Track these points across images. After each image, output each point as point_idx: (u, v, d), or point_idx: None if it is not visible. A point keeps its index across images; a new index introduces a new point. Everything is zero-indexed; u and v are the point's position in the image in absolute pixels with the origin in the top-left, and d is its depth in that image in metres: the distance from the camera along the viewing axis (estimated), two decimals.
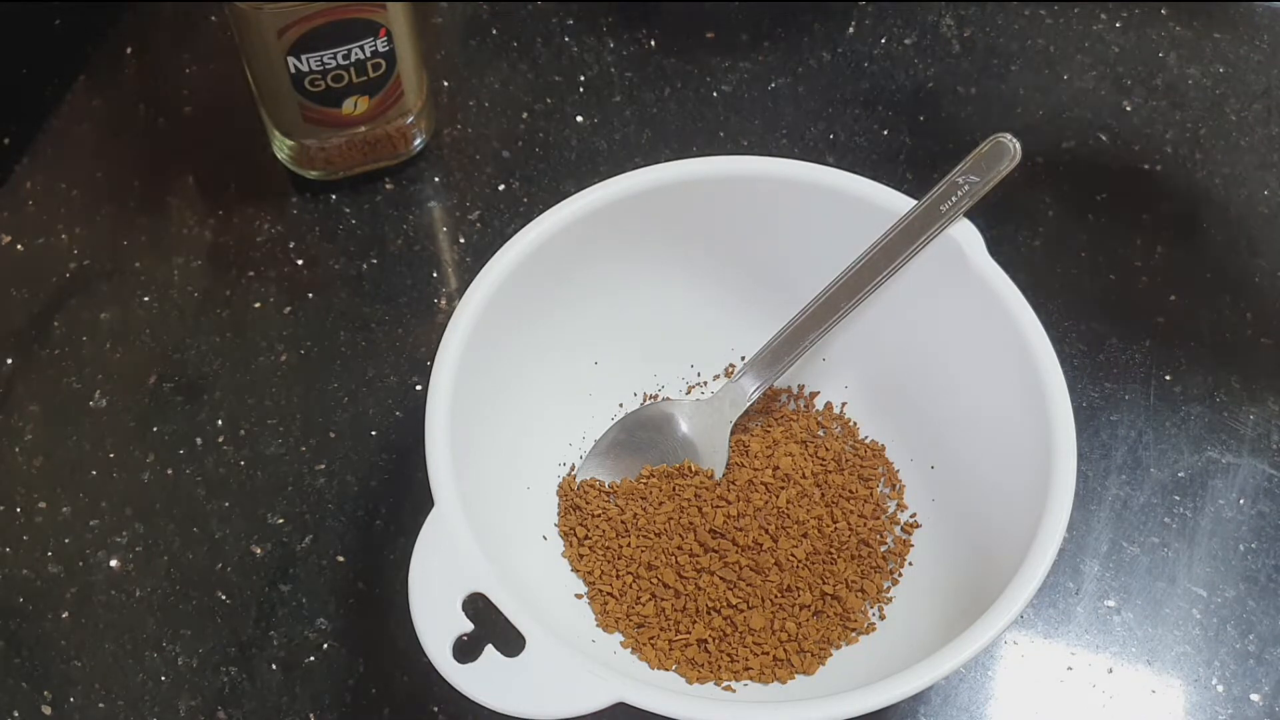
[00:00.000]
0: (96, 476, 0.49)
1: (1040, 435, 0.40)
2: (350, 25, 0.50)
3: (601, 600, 0.44)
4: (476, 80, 0.60)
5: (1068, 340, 0.52)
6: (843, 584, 0.45)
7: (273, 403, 0.51)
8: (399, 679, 0.45)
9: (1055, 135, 0.58)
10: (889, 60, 0.61)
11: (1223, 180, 0.57)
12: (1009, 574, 0.38)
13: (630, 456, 0.48)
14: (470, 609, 0.37)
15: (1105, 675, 0.45)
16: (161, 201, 0.57)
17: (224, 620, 0.46)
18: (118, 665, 0.45)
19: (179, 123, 0.59)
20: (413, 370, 0.52)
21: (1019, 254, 0.55)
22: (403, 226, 0.56)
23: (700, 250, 0.48)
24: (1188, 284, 0.54)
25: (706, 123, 0.59)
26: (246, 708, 0.44)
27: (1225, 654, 0.45)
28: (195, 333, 0.53)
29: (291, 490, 0.49)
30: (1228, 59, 0.61)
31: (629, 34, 0.61)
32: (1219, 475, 0.49)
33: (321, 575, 0.47)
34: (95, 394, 0.51)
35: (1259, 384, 0.51)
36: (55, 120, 0.59)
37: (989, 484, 0.43)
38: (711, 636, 0.43)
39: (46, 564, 0.47)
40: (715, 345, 0.50)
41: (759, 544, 0.45)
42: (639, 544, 0.45)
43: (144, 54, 0.61)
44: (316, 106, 0.52)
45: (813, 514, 0.46)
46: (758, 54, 0.61)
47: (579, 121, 0.59)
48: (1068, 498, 0.39)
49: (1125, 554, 0.47)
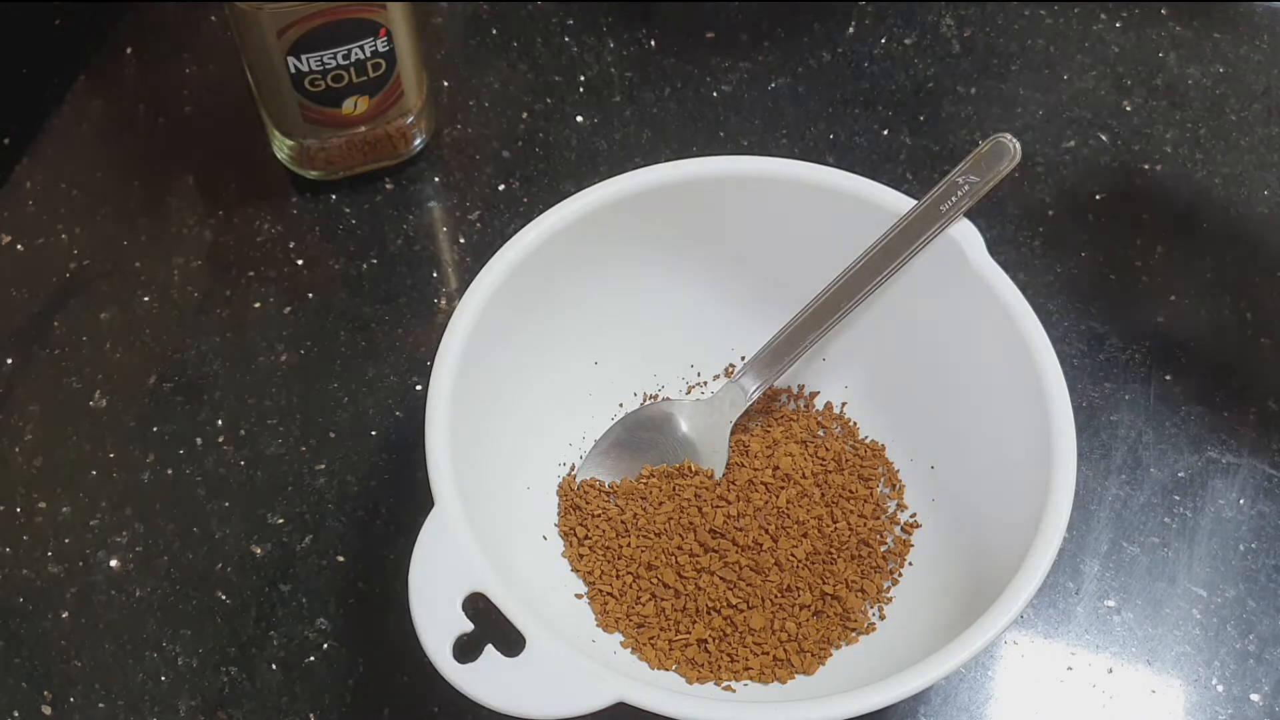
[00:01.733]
0: (96, 476, 0.49)
1: (1040, 435, 0.40)
2: (350, 25, 0.50)
3: (601, 600, 0.44)
4: (476, 80, 0.60)
5: (1068, 340, 0.52)
6: (843, 584, 0.45)
7: (273, 403, 0.51)
8: (399, 679, 0.45)
9: (1055, 135, 0.58)
10: (889, 60, 0.61)
11: (1223, 180, 0.57)
12: (1009, 574, 0.38)
13: (631, 456, 0.48)
14: (470, 609, 0.37)
15: (1105, 675, 0.45)
16: (161, 201, 0.57)
17: (224, 620, 0.46)
18: (118, 665, 0.45)
19: (179, 123, 0.59)
20: (413, 370, 0.52)
21: (1019, 254, 0.55)
22: (403, 226, 0.56)
23: (700, 250, 0.48)
24: (1188, 284, 0.54)
25: (706, 123, 0.59)
26: (246, 708, 0.44)
27: (1225, 654, 0.45)
28: (195, 333, 0.53)
29: (291, 490, 0.49)
30: (1228, 59, 0.61)
31: (629, 34, 0.61)
32: (1219, 475, 0.49)
33: (321, 575, 0.47)
34: (95, 394, 0.51)
35: (1259, 384, 0.51)
36: (55, 120, 0.59)
37: (989, 484, 0.43)
38: (711, 636, 0.43)
39: (46, 564, 0.47)
40: (715, 345, 0.50)
41: (759, 544, 0.45)
42: (639, 544, 0.45)
43: (144, 54, 0.61)
44: (316, 106, 0.52)
45: (813, 514, 0.46)
46: (758, 54, 0.61)
47: (579, 121, 0.59)
48: (1068, 498, 0.39)
49: (1125, 554, 0.47)
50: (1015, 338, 0.42)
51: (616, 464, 0.47)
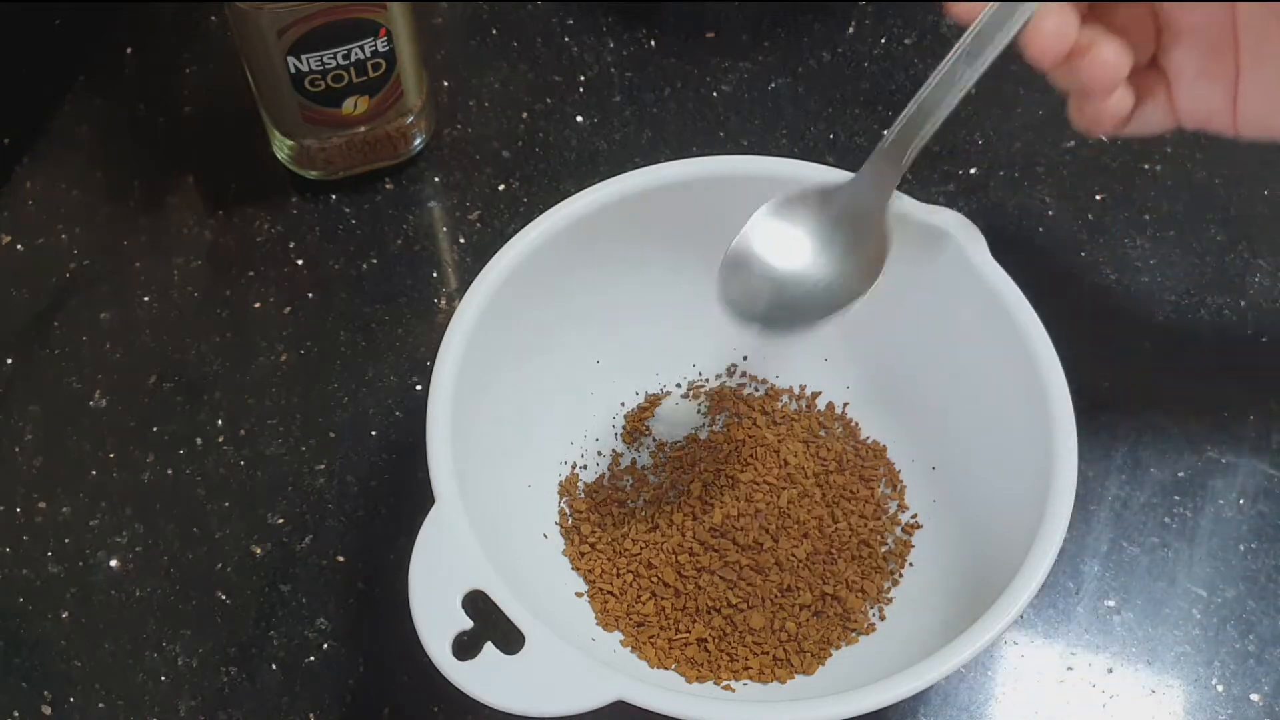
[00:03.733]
0: (96, 476, 0.49)
1: (1041, 435, 0.40)
2: (350, 25, 0.50)
3: (601, 599, 0.44)
4: (476, 80, 0.60)
5: (1068, 340, 0.52)
6: (843, 584, 0.45)
7: (273, 403, 0.51)
8: (399, 679, 0.45)
9: (1055, 135, 0.58)
10: (889, 60, 0.61)
11: (1223, 180, 0.57)
12: (1009, 574, 0.38)
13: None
14: (470, 607, 0.37)
15: (1105, 675, 0.45)
16: (161, 201, 0.57)
17: (224, 620, 0.46)
18: (118, 665, 0.45)
19: (179, 123, 0.59)
20: (413, 370, 0.52)
21: (1019, 254, 0.55)
22: (403, 226, 0.56)
23: (701, 250, 0.48)
24: (1188, 284, 0.54)
25: (706, 123, 0.59)
26: (246, 708, 0.44)
27: (1225, 654, 0.45)
28: (195, 333, 0.53)
29: (291, 490, 0.49)
30: None
31: (629, 34, 0.61)
32: (1219, 475, 0.49)
33: (321, 575, 0.47)
34: (95, 394, 0.51)
35: (1259, 384, 0.51)
36: (55, 120, 0.59)
37: (990, 484, 0.43)
38: (711, 636, 0.43)
39: (46, 564, 0.47)
40: (716, 345, 0.50)
41: (759, 544, 0.45)
42: (639, 542, 0.45)
43: (144, 54, 0.61)
44: (316, 106, 0.52)
45: (813, 514, 0.46)
46: (758, 54, 0.61)
47: (579, 121, 0.59)
48: (1068, 498, 0.39)
49: (1125, 554, 0.47)
50: (1016, 338, 0.42)
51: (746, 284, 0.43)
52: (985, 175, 0.57)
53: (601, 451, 0.49)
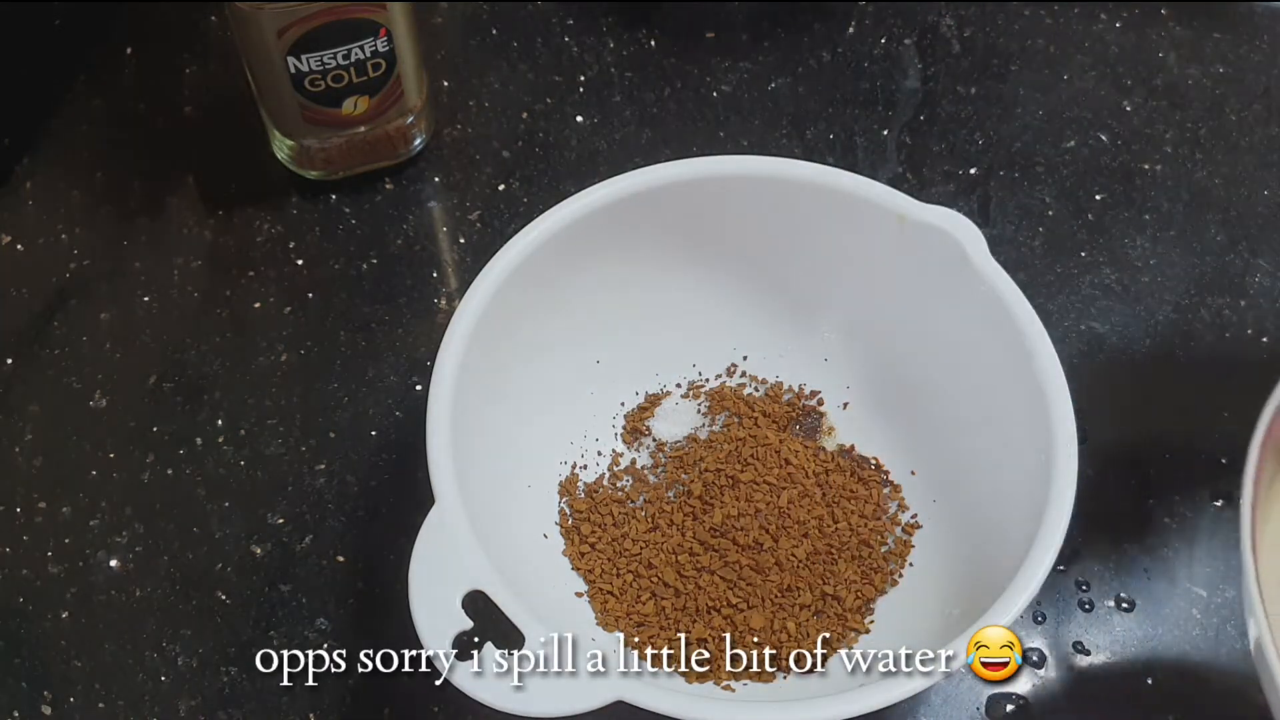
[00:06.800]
0: (96, 476, 0.49)
1: (1041, 435, 0.40)
2: (350, 25, 0.50)
3: (601, 599, 0.44)
4: (476, 80, 0.60)
5: (1068, 340, 0.52)
6: (843, 584, 0.45)
7: (273, 403, 0.51)
8: (399, 679, 0.45)
9: (1055, 135, 0.58)
10: (889, 60, 0.61)
11: (1223, 180, 0.57)
12: (1009, 574, 0.38)
13: None
14: (470, 607, 0.37)
15: (1105, 675, 0.45)
16: (161, 201, 0.57)
17: (224, 620, 0.46)
18: (118, 665, 0.45)
19: (179, 123, 0.59)
20: (413, 370, 0.52)
21: (1019, 254, 0.55)
22: (403, 226, 0.56)
23: (701, 250, 0.48)
24: (1188, 284, 0.54)
25: (706, 123, 0.59)
26: (246, 708, 0.44)
27: (1225, 654, 0.45)
28: (195, 333, 0.53)
29: (291, 490, 0.49)
30: (1228, 59, 0.61)
31: (629, 34, 0.61)
32: (1219, 475, 0.49)
33: (321, 575, 0.47)
34: (95, 394, 0.51)
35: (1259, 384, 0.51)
36: (55, 120, 0.59)
37: (990, 484, 0.43)
38: (711, 636, 0.43)
39: (46, 564, 0.47)
40: (716, 345, 0.50)
41: (759, 544, 0.45)
42: (639, 542, 0.45)
43: (144, 54, 0.61)
44: (316, 106, 0.52)
45: (813, 514, 0.46)
46: (758, 54, 0.61)
47: (579, 121, 0.59)
48: (1068, 498, 0.39)
49: (1125, 554, 0.47)
50: (1016, 338, 0.42)
51: None
52: (985, 175, 0.57)
53: (601, 451, 0.49)
